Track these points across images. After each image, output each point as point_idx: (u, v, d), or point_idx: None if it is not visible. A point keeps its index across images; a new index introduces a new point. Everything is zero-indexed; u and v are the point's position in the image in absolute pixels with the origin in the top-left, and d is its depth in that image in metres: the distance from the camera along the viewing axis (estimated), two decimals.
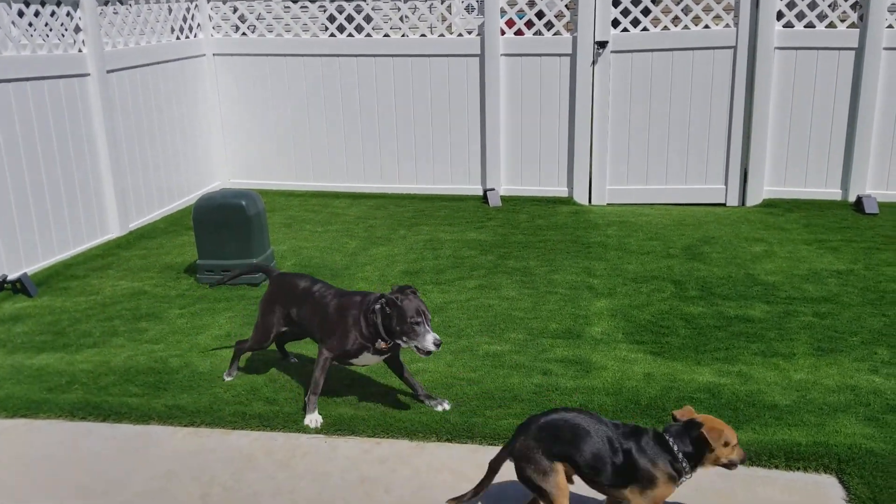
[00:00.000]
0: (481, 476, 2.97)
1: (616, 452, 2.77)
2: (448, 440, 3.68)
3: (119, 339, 4.86)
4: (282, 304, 4.05)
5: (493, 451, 3.56)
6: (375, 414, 3.87)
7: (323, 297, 3.95)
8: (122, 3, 7.13)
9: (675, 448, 2.77)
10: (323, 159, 8.44)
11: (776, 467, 3.39)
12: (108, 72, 6.80)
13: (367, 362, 3.91)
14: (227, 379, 4.25)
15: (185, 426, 3.87)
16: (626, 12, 7.56)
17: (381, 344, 3.75)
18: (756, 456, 3.44)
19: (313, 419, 3.82)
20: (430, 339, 3.59)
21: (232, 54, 8.34)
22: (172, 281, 5.88)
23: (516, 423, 3.74)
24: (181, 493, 3.38)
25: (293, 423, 3.83)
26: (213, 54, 8.35)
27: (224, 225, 5.64)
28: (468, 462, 3.50)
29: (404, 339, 3.65)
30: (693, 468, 2.81)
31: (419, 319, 3.60)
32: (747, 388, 4.03)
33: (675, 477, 2.78)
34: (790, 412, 3.79)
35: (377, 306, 3.71)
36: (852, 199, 7.44)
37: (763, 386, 4.05)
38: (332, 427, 3.79)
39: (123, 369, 4.43)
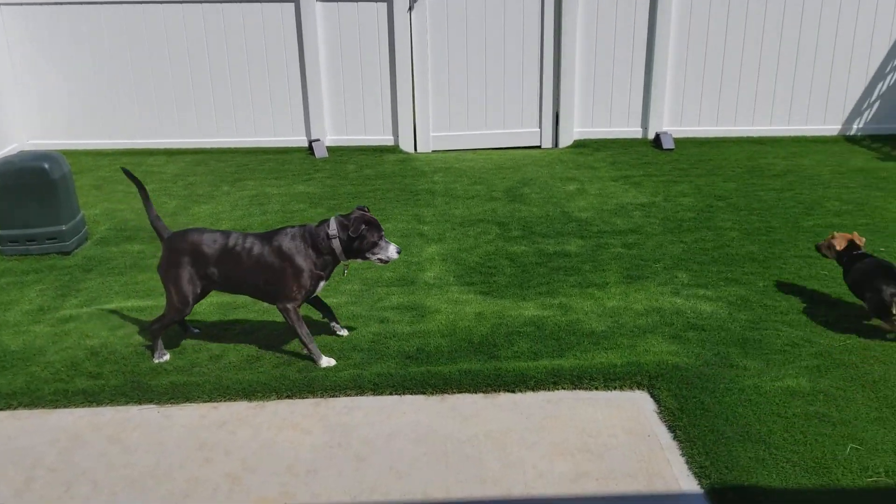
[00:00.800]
0: (325, 429, 3.01)
1: None
2: (289, 396, 3.69)
3: None
4: (193, 265, 3.85)
5: (336, 403, 3.63)
6: (210, 378, 3.79)
7: (248, 250, 3.82)
8: None
9: None
10: (133, 115, 7.92)
11: (596, 388, 3.70)
12: None
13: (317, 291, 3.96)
14: (162, 360, 3.93)
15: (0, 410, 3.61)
16: None
17: (344, 264, 3.93)
18: (578, 380, 3.74)
19: (326, 361, 3.89)
20: (392, 249, 3.86)
21: (22, 3, 7.54)
22: None
23: (357, 373, 3.81)
24: (0, 480, 3.17)
25: (121, 396, 3.68)
26: (0, 4, 7.54)
27: (26, 191, 5.20)
28: (311, 417, 3.54)
29: (367, 254, 3.85)
30: None
31: (381, 233, 3.84)
32: (568, 318, 4.33)
33: None
34: (606, 337, 4.12)
35: (333, 233, 3.78)
36: (651, 136, 8.04)
37: (581, 315, 4.37)
38: (165, 396, 3.68)
39: None
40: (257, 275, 3.83)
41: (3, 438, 3.42)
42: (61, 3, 7.55)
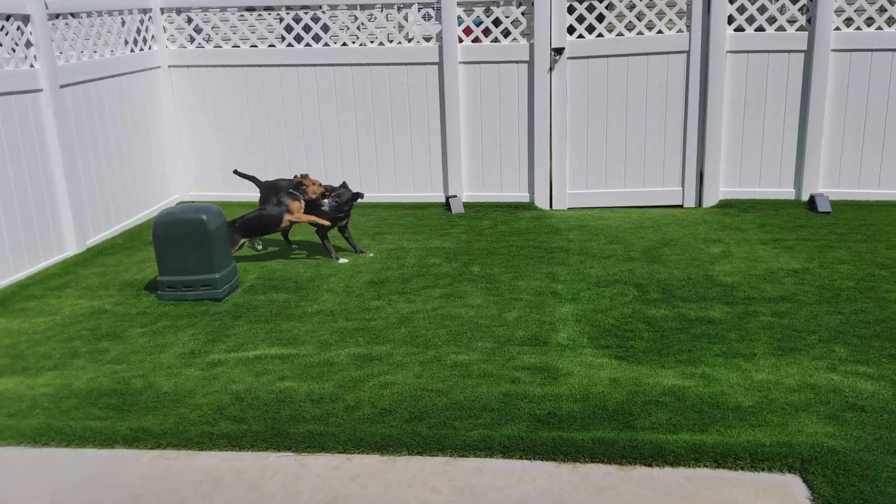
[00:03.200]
0: (454, 490, 2.98)
1: None
2: (419, 453, 3.68)
3: (80, 361, 4.77)
4: None
5: (465, 463, 3.59)
6: (345, 429, 3.86)
7: None
8: (73, 17, 7.00)
9: None
10: (283, 169, 8.37)
11: (742, 469, 3.46)
12: (62, 87, 6.66)
13: None
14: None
15: (151, 449, 3.82)
16: (581, 19, 7.65)
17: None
18: (722, 458, 3.51)
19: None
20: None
21: (188, 66, 8.24)
22: (133, 298, 5.78)
23: (486, 434, 3.76)
24: None
25: (262, 442, 3.80)
26: (169, 66, 8.24)
27: (184, 240, 5.57)
28: (441, 476, 3.51)
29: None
30: None
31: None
32: (711, 390, 4.11)
33: None
34: (753, 413, 3.87)
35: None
36: (805, 198, 7.62)
37: (726, 387, 4.13)
38: (302, 444, 3.77)
39: (86, 392, 4.35)
40: None
41: (151, 477, 3.60)
42: (221, 66, 8.17)
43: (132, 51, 7.78)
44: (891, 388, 4.06)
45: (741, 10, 7.44)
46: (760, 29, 7.49)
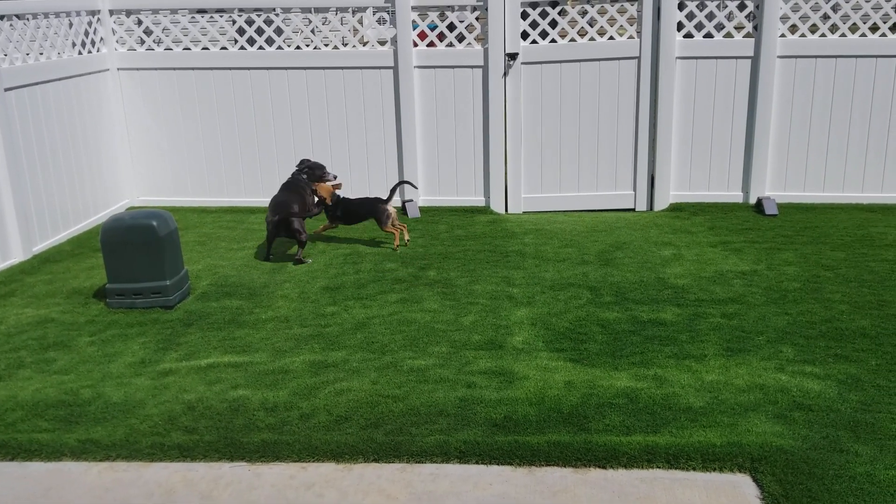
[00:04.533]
0: (411, 496, 2.98)
1: None
2: (375, 460, 3.67)
3: (26, 371, 4.64)
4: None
5: (421, 469, 3.59)
6: (300, 438, 3.83)
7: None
8: (18, 19, 6.82)
9: None
10: (236, 174, 8.27)
11: (694, 469, 3.52)
12: (6, 90, 6.48)
13: None
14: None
15: (100, 461, 3.74)
16: (534, 24, 7.71)
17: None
18: (675, 459, 3.57)
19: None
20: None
21: (138, 68, 8.09)
22: (81, 307, 5.65)
23: (443, 439, 3.77)
24: None
25: (214, 452, 3.75)
26: (118, 69, 8.08)
27: (134, 246, 5.46)
28: (397, 483, 3.50)
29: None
30: None
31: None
32: (663, 392, 4.17)
33: None
34: (704, 414, 3.94)
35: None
36: (753, 201, 7.79)
37: (678, 388, 4.21)
38: (256, 454, 3.73)
39: (32, 403, 4.24)
40: None
41: (100, 490, 3.52)
42: (172, 69, 8.04)
43: (80, 53, 7.61)
44: (836, 388, 4.17)
45: (690, 16, 7.58)
46: (709, 35, 7.64)
